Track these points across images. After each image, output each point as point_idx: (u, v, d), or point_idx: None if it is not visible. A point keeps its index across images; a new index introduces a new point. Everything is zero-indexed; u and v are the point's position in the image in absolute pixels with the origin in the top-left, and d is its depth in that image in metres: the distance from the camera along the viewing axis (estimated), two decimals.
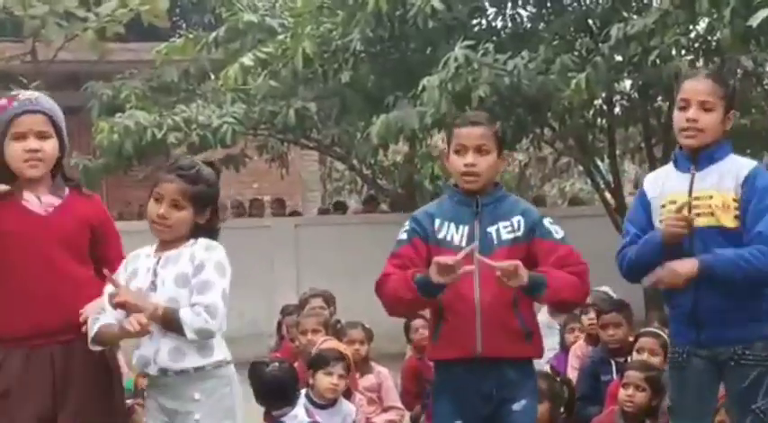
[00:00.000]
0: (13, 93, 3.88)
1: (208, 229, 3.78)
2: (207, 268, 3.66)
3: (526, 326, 3.84)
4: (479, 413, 3.83)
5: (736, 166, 3.99)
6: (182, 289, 3.65)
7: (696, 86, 4.00)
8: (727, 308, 3.87)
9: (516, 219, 3.86)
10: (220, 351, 3.75)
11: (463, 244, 3.80)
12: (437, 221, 3.91)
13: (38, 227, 3.67)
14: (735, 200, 3.90)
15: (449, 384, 3.91)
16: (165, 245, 3.74)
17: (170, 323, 3.57)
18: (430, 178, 14.20)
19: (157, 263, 3.70)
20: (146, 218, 3.76)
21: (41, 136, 3.66)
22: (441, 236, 3.88)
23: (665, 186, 4.10)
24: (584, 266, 3.86)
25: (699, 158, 3.99)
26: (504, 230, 3.84)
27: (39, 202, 3.71)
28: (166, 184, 3.65)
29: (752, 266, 3.80)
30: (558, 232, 3.87)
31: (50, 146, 3.69)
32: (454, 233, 3.86)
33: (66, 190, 3.81)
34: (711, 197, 3.91)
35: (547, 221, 3.91)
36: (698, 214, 3.92)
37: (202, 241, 3.75)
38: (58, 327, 3.63)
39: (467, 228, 3.85)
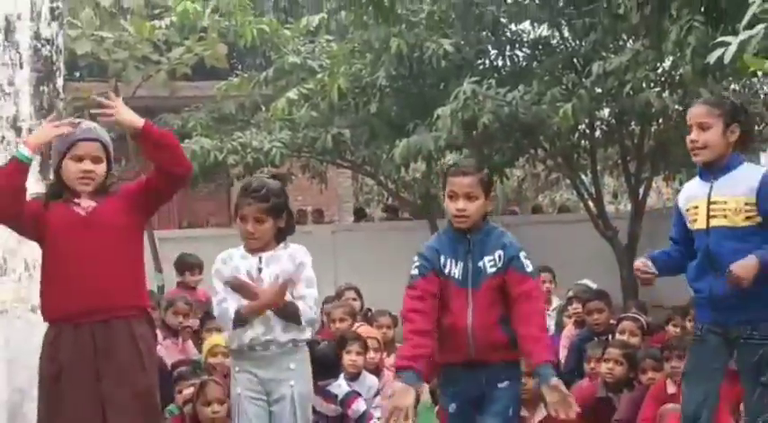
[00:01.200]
0: (76, 121, 3.87)
1: (288, 229, 3.94)
2: (308, 267, 3.89)
3: (512, 336, 3.80)
4: (471, 396, 3.84)
5: (749, 175, 3.93)
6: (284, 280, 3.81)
7: (694, 111, 4.00)
8: (736, 294, 3.78)
9: (498, 253, 3.81)
10: (308, 332, 3.90)
11: (460, 277, 3.81)
12: (442, 258, 3.85)
13: (80, 225, 3.68)
14: (747, 204, 3.85)
15: (449, 379, 3.92)
16: (258, 249, 3.89)
17: (291, 312, 3.78)
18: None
19: (260, 261, 3.86)
20: (208, 225, 3.91)
21: (96, 160, 3.72)
22: (446, 271, 3.83)
23: (689, 194, 4.09)
24: (541, 300, 4.01)
25: (715, 170, 3.94)
26: (489, 264, 3.80)
27: (80, 205, 3.72)
28: (247, 207, 3.81)
29: None
30: (528, 267, 3.82)
31: (102, 168, 3.75)
32: (453, 268, 3.82)
33: (99, 197, 3.78)
34: (726, 202, 3.87)
35: (522, 255, 3.83)
36: (713, 216, 3.89)
37: (294, 246, 3.94)
38: (98, 307, 3.64)
39: (462, 263, 3.82)
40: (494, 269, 3.79)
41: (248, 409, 3.75)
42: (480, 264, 3.81)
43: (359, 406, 5.58)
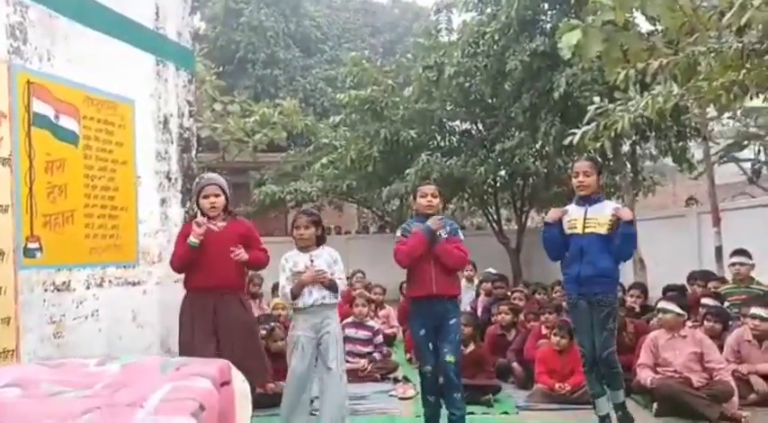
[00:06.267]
0: (203, 175, 3.85)
1: (322, 238, 3.79)
2: (339, 261, 3.76)
3: (454, 280, 3.77)
4: (431, 325, 3.71)
5: (608, 205, 3.78)
6: (327, 268, 3.67)
7: (581, 164, 3.81)
8: (593, 275, 3.66)
9: (447, 228, 3.75)
10: (339, 297, 3.76)
11: None
12: (411, 227, 3.78)
13: (214, 237, 3.61)
14: (609, 221, 3.67)
15: (417, 310, 3.78)
16: (305, 249, 3.73)
17: (332, 286, 3.66)
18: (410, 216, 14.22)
19: (311, 257, 3.70)
20: (274, 235, 3.76)
21: (216, 196, 3.65)
22: (413, 231, 3.74)
23: (570, 213, 3.81)
24: (465, 254, 3.74)
25: (590, 200, 3.76)
26: (442, 234, 3.73)
27: (216, 225, 3.66)
28: (300, 219, 3.73)
29: (632, 243, 3.68)
30: (461, 236, 3.79)
31: (221, 200, 3.66)
32: (419, 231, 3.71)
33: (229, 219, 3.73)
34: (597, 219, 3.70)
35: (459, 230, 3.83)
36: (587, 227, 3.71)
37: (328, 248, 3.81)
38: (218, 285, 3.58)
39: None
40: (446, 236, 3.73)
41: (304, 342, 3.62)
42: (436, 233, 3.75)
43: (380, 336, 5.70)
